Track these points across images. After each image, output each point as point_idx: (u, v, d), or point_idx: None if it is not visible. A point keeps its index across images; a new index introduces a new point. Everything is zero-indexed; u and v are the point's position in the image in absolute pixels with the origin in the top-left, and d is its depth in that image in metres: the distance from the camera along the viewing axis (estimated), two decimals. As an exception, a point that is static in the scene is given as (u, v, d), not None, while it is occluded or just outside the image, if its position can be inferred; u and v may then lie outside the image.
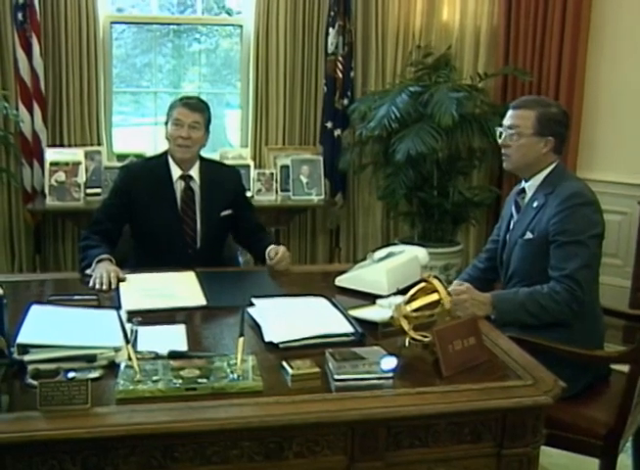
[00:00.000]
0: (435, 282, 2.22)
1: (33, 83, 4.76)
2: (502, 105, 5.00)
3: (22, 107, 4.76)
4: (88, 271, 2.85)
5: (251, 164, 5.02)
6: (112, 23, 5.17)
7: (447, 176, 4.96)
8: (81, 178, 4.71)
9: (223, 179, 3.27)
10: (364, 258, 2.95)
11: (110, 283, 2.71)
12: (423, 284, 2.24)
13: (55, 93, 4.94)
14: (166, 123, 3.20)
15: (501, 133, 2.89)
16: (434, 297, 2.21)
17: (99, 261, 2.86)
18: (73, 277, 3.03)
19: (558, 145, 2.84)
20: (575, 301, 2.64)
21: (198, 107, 3.17)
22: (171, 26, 5.55)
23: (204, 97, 5.60)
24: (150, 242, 3.16)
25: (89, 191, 4.75)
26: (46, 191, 4.70)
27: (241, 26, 5.31)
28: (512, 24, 5.02)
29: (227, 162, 4.84)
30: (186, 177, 3.19)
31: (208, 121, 3.22)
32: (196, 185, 3.20)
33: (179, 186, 3.18)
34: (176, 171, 3.18)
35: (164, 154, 3.23)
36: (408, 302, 2.20)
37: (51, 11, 4.84)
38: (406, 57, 5.17)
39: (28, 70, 4.75)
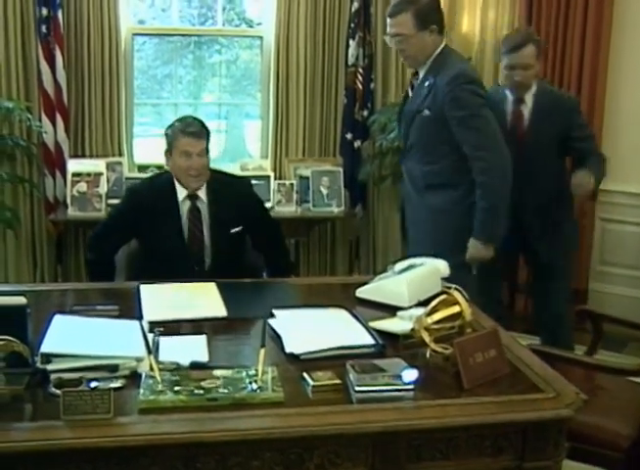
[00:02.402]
0: (457, 294, 2.22)
1: (56, 95, 4.82)
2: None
3: (44, 118, 4.81)
4: None
5: (272, 175, 5.04)
6: (133, 34, 5.21)
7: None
8: (103, 189, 4.75)
9: (233, 193, 3.19)
10: (384, 270, 2.95)
11: None
12: (444, 296, 2.24)
13: (77, 104, 4.99)
14: (168, 152, 3.13)
15: (390, 41, 3.27)
16: (456, 309, 2.21)
17: None
18: (94, 287, 3.06)
19: (440, 28, 3.28)
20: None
21: (202, 133, 3.10)
22: (192, 38, 5.59)
23: (224, 108, 5.71)
24: (157, 261, 3.12)
25: (110, 202, 4.78)
26: (68, 201, 4.74)
27: (261, 38, 5.34)
28: (532, 36, 5.01)
29: (247, 173, 4.89)
30: (192, 197, 3.14)
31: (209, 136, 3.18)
32: (203, 204, 3.15)
33: (185, 206, 3.14)
34: (182, 192, 3.14)
35: (169, 173, 3.19)
36: (429, 314, 2.20)
37: (74, 23, 4.89)
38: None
39: (52, 81, 4.80)
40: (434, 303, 2.23)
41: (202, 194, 3.15)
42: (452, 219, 3.30)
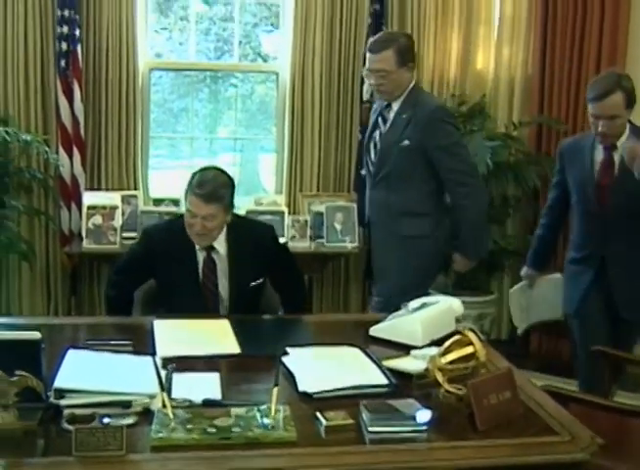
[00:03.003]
0: (471, 335, 2.21)
1: (74, 128, 4.87)
2: (537, 154, 5.01)
3: (62, 151, 4.86)
4: None
5: (286, 210, 5.05)
6: (151, 69, 5.28)
7: (482, 225, 4.95)
8: (118, 222, 4.78)
9: (255, 243, 3.05)
10: (398, 308, 2.94)
11: None
12: (458, 336, 2.23)
13: (94, 138, 5.04)
14: (185, 197, 2.98)
15: (369, 76, 3.41)
16: (470, 350, 2.20)
17: None
18: (108, 322, 3.07)
19: (414, 64, 3.49)
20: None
21: (213, 197, 2.86)
22: (208, 72, 5.66)
23: (239, 142, 5.75)
24: (173, 303, 3.04)
25: (125, 235, 4.81)
26: (83, 234, 4.77)
27: (277, 73, 5.39)
28: (546, 74, 5.04)
29: (261, 208, 4.91)
30: (208, 248, 3.03)
31: (230, 201, 2.97)
32: (218, 256, 3.03)
33: (201, 256, 3.03)
34: None
35: None
36: (443, 354, 2.19)
37: (93, 58, 4.96)
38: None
39: (69, 115, 4.85)
40: (447, 343, 2.22)
41: (219, 245, 3.02)
42: (426, 246, 3.46)
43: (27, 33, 4.81)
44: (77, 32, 4.80)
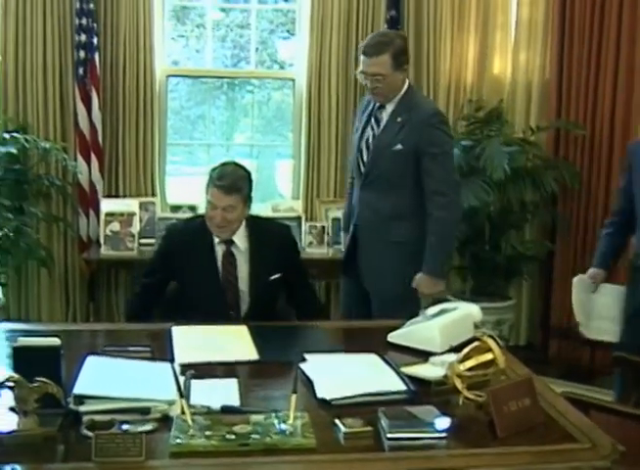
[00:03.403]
0: (490, 341, 2.19)
1: (92, 135, 4.90)
2: (555, 159, 4.99)
3: (80, 158, 4.90)
4: None
5: (303, 216, 5.05)
6: (168, 76, 5.30)
7: (499, 230, 4.93)
8: (135, 229, 4.80)
9: (273, 240, 3.12)
10: (416, 314, 2.93)
11: None
12: (477, 343, 2.21)
13: (112, 145, 5.07)
14: (206, 192, 3.05)
15: (363, 77, 3.32)
16: (489, 356, 2.19)
17: None
18: (126, 328, 3.07)
19: (408, 67, 3.46)
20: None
21: (233, 188, 2.94)
22: (225, 79, 5.68)
23: (255, 148, 5.76)
24: (193, 304, 3.07)
25: (143, 241, 4.83)
26: (101, 241, 4.79)
27: (293, 80, 5.40)
28: (564, 78, 5.02)
29: (278, 214, 4.91)
30: (227, 242, 3.08)
31: (249, 194, 3.05)
32: (238, 250, 3.07)
33: (220, 251, 3.07)
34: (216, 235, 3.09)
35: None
36: (462, 360, 2.17)
37: (110, 65, 5.00)
38: (458, 111, 5.19)
39: (87, 122, 4.89)
40: (466, 349, 2.20)
41: (238, 240, 3.07)
42: (413, 249, 3.38)
43: (46, 42, 4.85)
44: (95, 41, 4.84)
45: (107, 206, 4.87)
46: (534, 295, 5.33)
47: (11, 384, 1.90)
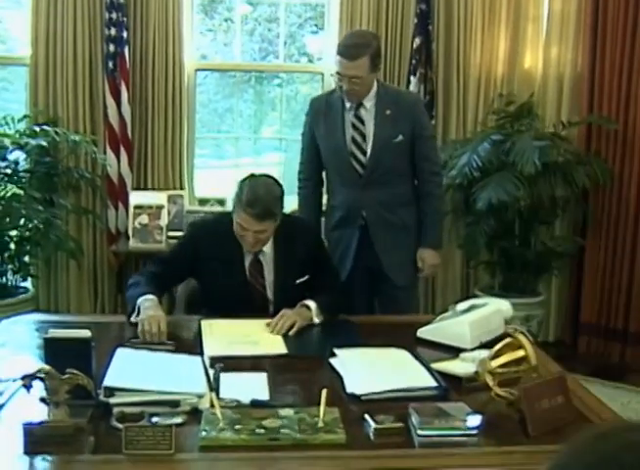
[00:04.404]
0: (522, 338, 2.17)
1: (121, 129, 4.92)
2: (586, 154, 4.93)
3: (109, 151, 4.92)
4: (132, 319, 2.70)
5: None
6: (196, 70, 5.31)
7: (529, 226, 4.87)
8: (163, 221, 4.81)
9: (300, 241, 2.99)
10: (445, 310, 2.91)
11: (158, 332, 2.56)
12: (509, 339, 2.19)
13: (140, 138, 5.09)
14: (234, 207, 2.87)
15: (339, 79, 3.28)
16: (521, 353, 2.16)
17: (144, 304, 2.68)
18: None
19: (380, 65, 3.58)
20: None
21: (264, 217, 2.77)
22: (253, 72, 5.67)
23: (283, 142, 5.73)
24: (218, 302, 2.95)
25: (171, 234, 4.84)
26: (129, 233, 4.81)
27: (322, 74, 5.38)
28: (596, 72, 4.93)
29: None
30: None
31: (281, 210, 2.90)
32: (265, 256, 2.97)
33: (248, 257, 2.96)
34: None
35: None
36: (494, 357, 2.15)
37: (140, 59, 5.01)
38: (488, 105, 5.14)
39: (117, 115, 4.91)
40: (498, 346, 2.18)
41: (265, 247, 2.95)
42: (416, 231, 3.53)
43: (76, 36, 4.87)
44: (125, 34, 4.85)
45: (135, 198, 4.89)
46: (564, 291, 5.26)
47: (42, 375, 1.91)
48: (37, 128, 4.52)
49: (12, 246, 4.63)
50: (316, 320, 2.84)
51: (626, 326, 4.90)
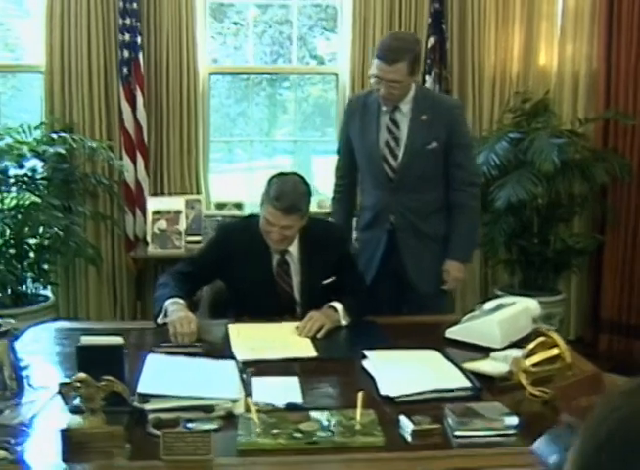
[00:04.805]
0: (556, 336, 2.16)
1: (137, 134, 4.93)
2: (604, 150, 4.91)
3: (125, 157, 4.92)
4: (159, 320, 2.72)
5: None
6: (210, 74, 5.31)
7: (548, 223, 4.86)
8: (182, 226, 4.82)
9: (327, 243, 3.01)
10: (472, 310, 2.90)
11: (190, 332, 2.59)
12: (542, 338, 2.18)
13: (156, 143, 5.09)
14: (260, 202, 2.91)
15: (377, 82, 3.20)
16: (555, 351, 2.15)
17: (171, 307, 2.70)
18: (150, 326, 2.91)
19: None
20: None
21: (291, 210, 2.81)
22: (264, 75, 5.67)
23: (295, 144, 5.72)
24: (246, 304, 2.98)
25: (189, 239, 4.84)
26: (148, 238, 4.82)
27: (336, 75, 5.37)
28: (612, 67, 4.92)
29: (324, 210, 4.87)
30: (282, 250, 2.98)
31: (308, 208, 2.92)
32: (291, 257, 2.99)
33: (275, 258, 2.99)
34: None
35: None
36: (528, 356, 2.14)
37: (154, 64, 5.01)
38: (503, 103, 5.13)
39: (132, 121, 4.92)
40: (531, 345, 2.17)
41: (292, 247, 2.97)
42: (445, 241, 3.43)
43: (91, 42, 4.88)
44: (139, 40, 4.86)
45: (153, 204, 4.89)
46: (584, 288, 5.25)
47: (78, 384, 1.91)
48: (55, 136, 4.53)
49: (31, 254, 4.64)
50: (343, 322, 2.85)
51: (647, 322, 4.88)
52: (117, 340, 2.14)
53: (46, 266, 4.73)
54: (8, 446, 1.83)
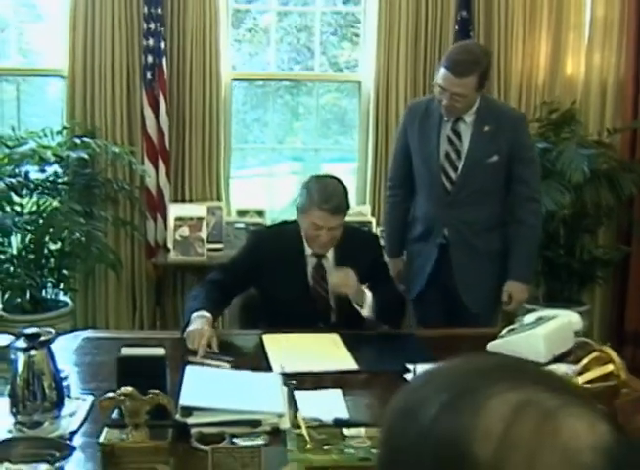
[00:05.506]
0: (610, 352, 2.10)
1: (159, 140, 4.87)
2: (631, 161, 4.85)
3: (147, 162, 4.87)
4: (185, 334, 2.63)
5: (373, 221, 4.96)
6: (232, 80, 5.26)
7: (574, 234, 4.80)
8: (204, 233, 4.76)
9: (359, 250, 2.98)
10: (510, 322, 2.84)
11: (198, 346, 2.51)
12: (596, 354, 2.12)
13: (178, 149, 5.03)
14: (299, 210, 2.90)
15: (441, 91, 3.11)
16: (610, 368, 2.09)
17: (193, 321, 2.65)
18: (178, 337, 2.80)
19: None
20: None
21: (340, 209, 2.84)
22: (282, 82, 5.62)
23: (312, 152, 5.65)
24: (279, 311, 2.92)
25: (210, 246, 4.78)
26: (170, 245, 4.76)
27: (359, 83, 5.32)
28: (641, 78, 4.87)
29: (348, 219, 4.82)
30: (319, 254, 2.97)
31: (349, 207, 2.97)
32: (328, 262, 2.97)
33: (311, 262, 2.96)
34: (309, 248, 2.96)
35: (298, 223, 2.96)
36: (581, 373, 2.08)
37: (177, 70, 4.96)
38: (529, 112, 5.06)
39: (155, 126, 4.86)
40: (585, 361, 2.12)
41: (328, 252, 2.97)
42: (502, 258, 3.32)
43: (114, 47, 4.83)
44: (163, 45, 4.81)
45: (175, 210, 4.83)
46: (608, 300, 5.18)
47: (122, 397, 1.85)
48: (78, 141, 4.48)
49: (52, 260, 4.58)
50: (364, 310, 2.83)
51: (673, 335, 4.81)
52: (159, 351, 2.09)
53: (66, 272, 4.68)
54: (51, 460, 1.78)
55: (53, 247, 4.57)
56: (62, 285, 4.68)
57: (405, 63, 5.03)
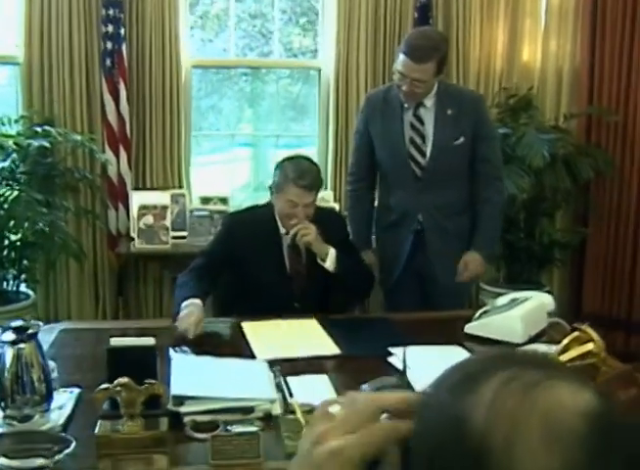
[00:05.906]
0: (590, 331, 2.17)
1: (119, 127, 4.82)
2: (587, 145, 4.96)
3: (108, 151, 4.81)
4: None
5: (336, 207, 4.97)
6: (193, 67, 5.22)
7: (533, 218, 4.90)
8: (168, 221, 4.72)
9: (328, 229, 3.02)
10: (483, 304, 2.91)
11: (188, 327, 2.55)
12: (576, 333, 2.19)
13: (139, 137, 4.98)
14: (273, 189, 2.98)
15: (400, 78, 3.13)
16: (590, 346, 2.16)
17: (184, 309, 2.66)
18: (158, 326, 2.90)
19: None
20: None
21: (314, 186, 2.94)
22: (239, 69, 5.59)
23: (280, 140, 5.65)
24: (256, 293, 2.95)
25: (174, 234, 4.76)
26: (134, 234, 4.72)
27: (319, 70, 5.32)
28: (595, 64, 4.96)
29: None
30: (293, 235, 2.97)
31: (322, 183, 3.10)
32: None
33: (286, 242, 3.01)
34: (283, 228, 3.01)
35: (271, 205, 3.04)
36: (561, 352, 2.15)
37: (136, 57, 4.89)
38: (488, 98, 5.13)
39: (115, 114, 4.80)
40: (565, 340, 2.18)
41: None
42: (468, 238, 3.40)
43: (72, 33, 4.74)
44: (122, 31, 4.75)
45: (138, 199, 4.79)
46: (566, 282, 5.31)
47: (118, 388, 1.85)
48: (39, 129, 4.40)
49: (12, 251, 4.50)
50: (328, 264, 2.94)
51: (629, 315, 4.96)
52: (149, 340, 2.09)
53: (27, 263, 4.60)
54: (47, 454, 1.77)
55: (14, 238, 4.50)
56: (23, 276, 4.61)
57: (365, 48, 5.06)
